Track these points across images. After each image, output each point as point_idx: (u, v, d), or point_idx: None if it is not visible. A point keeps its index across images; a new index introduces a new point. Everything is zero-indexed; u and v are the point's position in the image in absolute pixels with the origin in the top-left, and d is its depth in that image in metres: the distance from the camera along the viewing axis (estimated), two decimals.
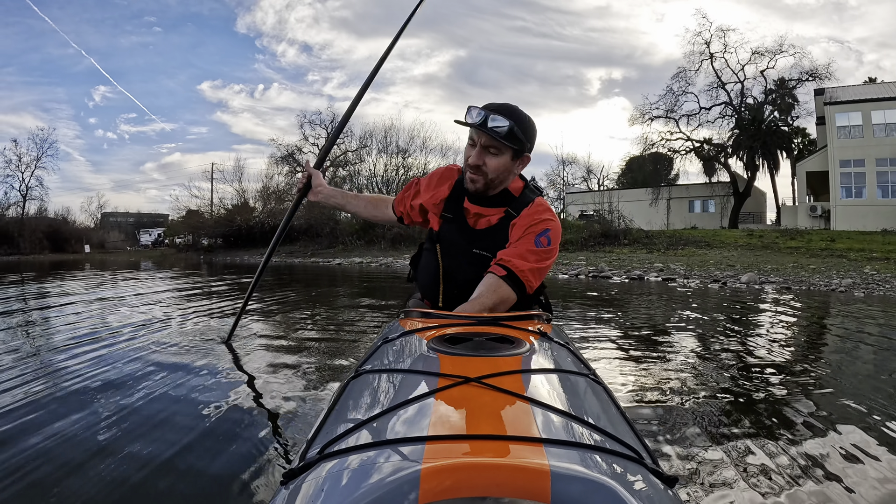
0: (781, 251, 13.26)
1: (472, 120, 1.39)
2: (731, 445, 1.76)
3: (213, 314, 4.77)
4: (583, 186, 38.76)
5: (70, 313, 4.96)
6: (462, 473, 0.51)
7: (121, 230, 47.40)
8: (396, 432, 0.64)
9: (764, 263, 11.28)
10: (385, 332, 1.27)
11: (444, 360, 0.90)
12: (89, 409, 2.08)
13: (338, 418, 0.76)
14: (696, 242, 15.37)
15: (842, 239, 14.70)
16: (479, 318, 1.20)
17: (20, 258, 25.87)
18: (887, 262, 10.79)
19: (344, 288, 9.04)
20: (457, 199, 1.58)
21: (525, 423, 0.65)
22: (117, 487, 1.46)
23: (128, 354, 3.08)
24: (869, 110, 24.00)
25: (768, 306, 6.31)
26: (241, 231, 29.21)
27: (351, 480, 0.54)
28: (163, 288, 8.25)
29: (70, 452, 1.67)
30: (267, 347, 3.34)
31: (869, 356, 3.52)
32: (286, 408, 2.15)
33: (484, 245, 1.54)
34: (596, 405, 0.82)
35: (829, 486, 1.47)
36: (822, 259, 11.68)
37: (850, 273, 9.55)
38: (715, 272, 10.44)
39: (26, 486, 1.45)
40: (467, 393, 0.74)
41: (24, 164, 33.49)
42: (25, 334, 3.95)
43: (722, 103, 28.68)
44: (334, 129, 2.75)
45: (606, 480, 0.52)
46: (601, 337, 3.85)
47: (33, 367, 2.73)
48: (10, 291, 7.58)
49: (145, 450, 1.70)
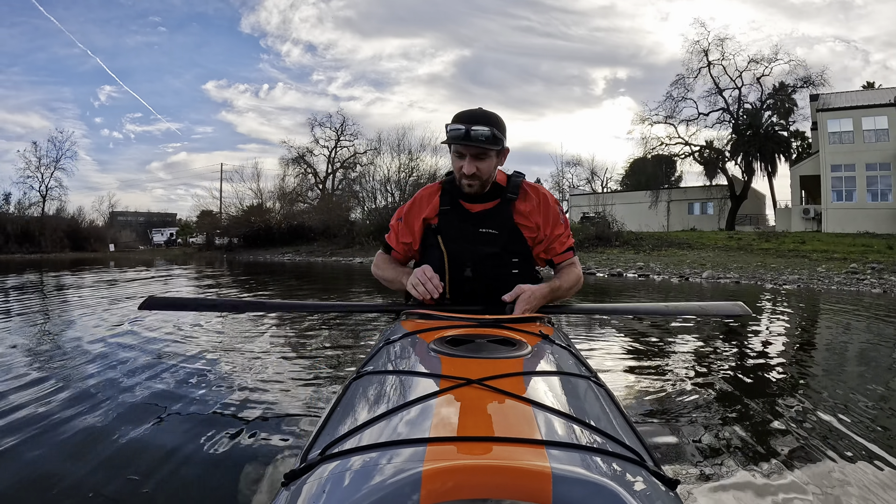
0: (754, 252, 14.54)
1: (456, 135, 1.44)
2: (733, 447, 1.76)
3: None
4: (587, 188, 39.85)
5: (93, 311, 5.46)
6: (463, 475, 0.52)
7: (132, 229, 47.88)
8: (398, 434, 0.64)
9: (732, 263, 12.61)
10: (387, 334, 1.27)
11: (446, 361, 0.91)
12: (89, 406, 2.17)
13: (339, 419, 0.77)
14: (679, 244, 16.69)
15: (812, 241, 15.89)
16: (481, 320, 1.21)
17: (42, 256, 26.37)
18: (843, 262, 12.04)
19: (359, 286, 9.43)
20: (450, 198, 1.60)
21: (526, 426, 0.65)
22: (117, 489, 1.48)
23: (124, 352, 3.18)
24: (860, 117, 25.02)
25: (710, 295, 7.70)
26: (260, 231, 30.35)
27: (352, 482, 0.55)
28: (225, 283, 9.44)
29: (71, 453, 1.72)
30: (268, 348, 3.38)
31: (850, 353, 3.73)
32: (288, 409, 2.17)
33: (488, 224, 1.55)
34: (597, 407, 0.82)
35: (830, 486, 1.46)
36: (786, 259, 12.95)
37: (802, 271, 10.85)
38: (685, 270, 11.80)
39: (20, 486, 1.50)
40: (469, 395, 0.75)
41: (43, 166, 34.45)
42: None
43: (720, 109, 29.73)
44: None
45: (607, 482, 0.52)
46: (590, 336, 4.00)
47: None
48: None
49: (146, 451, 1.74)
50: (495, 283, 1.53)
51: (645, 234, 19.69)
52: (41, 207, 34.36)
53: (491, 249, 1.53)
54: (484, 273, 1.54)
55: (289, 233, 29.39)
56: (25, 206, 34.14)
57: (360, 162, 35.73)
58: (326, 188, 36.73)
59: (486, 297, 1.52)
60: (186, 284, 9.42)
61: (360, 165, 35.56)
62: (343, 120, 36.94)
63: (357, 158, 36.10)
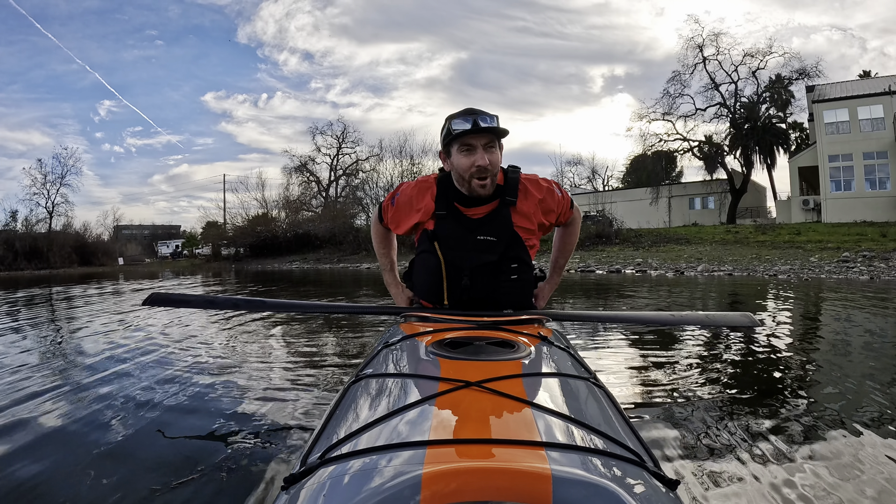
0: (750, 245, 14.83)
1: (464, 128, 1.41)
2: (733, 447, 1.77)
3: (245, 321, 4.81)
4: (588, 187, 40.14)
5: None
6: (463, 478, 0.52)
7: (137, 243, 48.07)
8: (397, 437, 0.64)
9: (727, 256, 12.93)
10: (385, 336, 1.27)
11: (445, 364, 0.92)
12: (88, 410, 2.20)
13: (338, 423, 0.77)
14: (677, 240, 17.01)
15: (808, 232, 16.14)
16: (479, 323, 1.21)
17: (51, 272, 26.47)
18: (836, 251, 12.33)
19: (366, 290, 9.55)
20: (445, 201, 1.55)
21: (526, 427, 0.65)
22: (117, 491, 1.48)
23: (123, 355, 3.24)
24: (855, 106, 25.26)
25: (703, 286, 8.05)
26: (267, 241, 30.67)
27: (352, 485, 0.55)
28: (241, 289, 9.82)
29: (71, 453, 1.73)
30: (267, 352, 3.38)
31: (854, 343, 3.78)
32: (287, 413, 2.17)
33: (486, 231, 1.51)
34: (596, 409, 0.82)
35: (831, 486, 1.47)
36: (781, 251, 13.25)
37: (795, 262, 11.17)
38: (681, 264, 12.13)
39: (17, 486, 1.51)
40: (468, 397, 0.75)
41: (49, 182, 34.74)
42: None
43: (717, 104, 30.01)
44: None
45: (607, 484, 0.52)
46: (592, 335, 4.03)
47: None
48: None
49: (144, 455, 1.73)
50: (494, 291, 1.52)
51: (644, 230, 20.02)
52: (48, 223, 34.58)
53: (489, 257, 1.51)
54: (482, 281, 1.51)
55: (295, 241, 29.80)
56: (32, 223, 34.29)
57: (363, 169, 36.22)
58: (330, 196, 37.15)
59: (484, 305, 1.52)
60: (208, 291, 9.78)
61: (363, 172, 36.05)
62: (344, 127, 37.50)
63: (359, 165, 36.56)
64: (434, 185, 1.59)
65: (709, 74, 29.74)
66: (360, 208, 33.03)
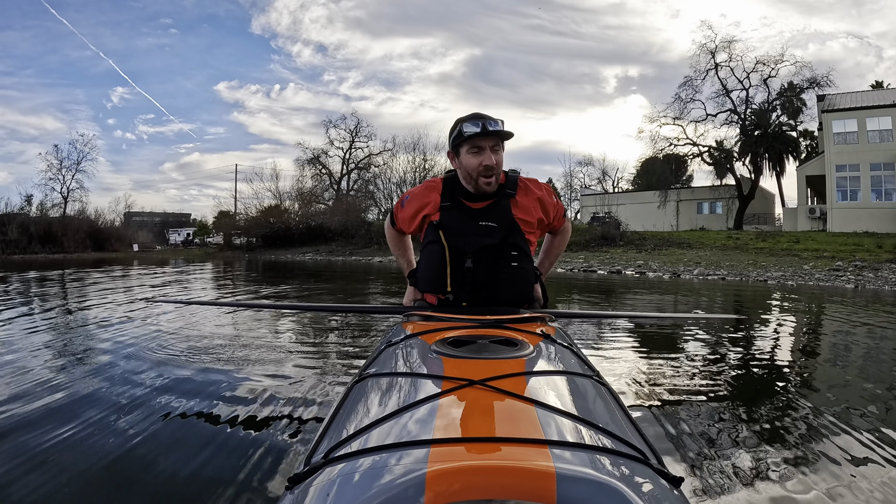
0: (749, 251, 15.30)
1: (474, 131, 1.53)
2: (736, 445, 1.77)
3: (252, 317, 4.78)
4: (598, 188, 40.45)
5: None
6: (467, 476, 0.52)
7: (148, 229, 47.79)
8: (401, 436, 0.64)
9: (725, 261, 13.44)
10: (388, 336, 1.30)
11: (448, 362, 0.92)
12: (88, 410, 2.17)
13: (342, 422, 0.77)
14: (679, 244, 17.50)
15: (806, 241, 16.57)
16: (482, 321, 1.23)
17: (65, 256, 26.47)
18: (831, 260, 12.80)
19: (377, 283, 9.67)
20: (451, 196, 1.66)
21: (529, 426, 0.65)
22: (118, 490, 1.50)
23: (128, 353, 3.25)
24: (864, 117, 25.47)
25: (697, 288, 8.62)
26: (279, 231, 31.05)
27: (356, 484, 0.55)
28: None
29: (71, 453, 1.72)
30: (270, 352, 3.35)
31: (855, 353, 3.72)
32: (291, 412, 2.16)
33: (487, 218, 1.61)
34: (600, 406, 0.82)
35: (832, 485, 1.47)
36: (777, 258, 13.73)
37: (788, 268, 11.67)
38: (679, 268, 12.67)
39: (24, 483, 1.51)
40: (471, 395, 0.75)
41: (64, 168, 35.20)
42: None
43: (727, 110, 30.26)
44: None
45: (612, 481, 0.52)
46: (590, 333, 4.10)
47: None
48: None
49: (148, 453, 1.73)
50: (496, 275, 1.58)
51: (648, 233, 20.51)
52: (63, 208, 35.02)
53: (490, 240, 1.58)
54: (484, 264, 1.58)
55: (307, 233, 30.38)
56: (47, 208, 34.76)
57: (376, 163, 36.74)
58: (342, 189, 37.66)
59: (486, 290, 1.59)
60: (233, 289, 9.15)
61: (376, 167, 36.59)
62: (357, 122, 37.98)
63: (372, 160, 37.08)
64: (440, 184, 1.71)
65: (720, 81, 29.99)
66: (373, 202, 33.57)
